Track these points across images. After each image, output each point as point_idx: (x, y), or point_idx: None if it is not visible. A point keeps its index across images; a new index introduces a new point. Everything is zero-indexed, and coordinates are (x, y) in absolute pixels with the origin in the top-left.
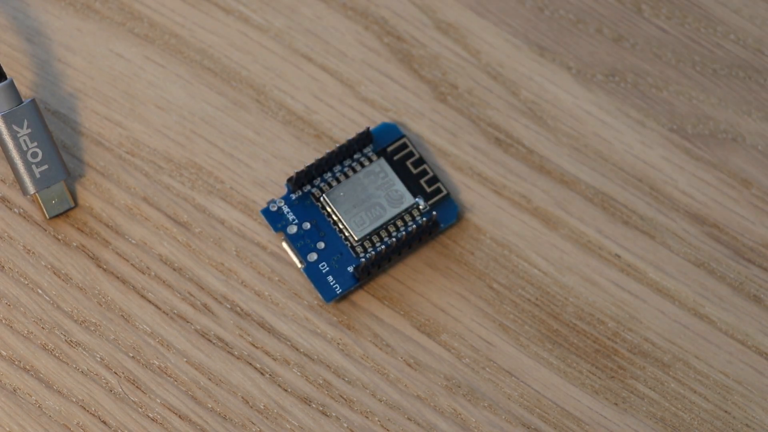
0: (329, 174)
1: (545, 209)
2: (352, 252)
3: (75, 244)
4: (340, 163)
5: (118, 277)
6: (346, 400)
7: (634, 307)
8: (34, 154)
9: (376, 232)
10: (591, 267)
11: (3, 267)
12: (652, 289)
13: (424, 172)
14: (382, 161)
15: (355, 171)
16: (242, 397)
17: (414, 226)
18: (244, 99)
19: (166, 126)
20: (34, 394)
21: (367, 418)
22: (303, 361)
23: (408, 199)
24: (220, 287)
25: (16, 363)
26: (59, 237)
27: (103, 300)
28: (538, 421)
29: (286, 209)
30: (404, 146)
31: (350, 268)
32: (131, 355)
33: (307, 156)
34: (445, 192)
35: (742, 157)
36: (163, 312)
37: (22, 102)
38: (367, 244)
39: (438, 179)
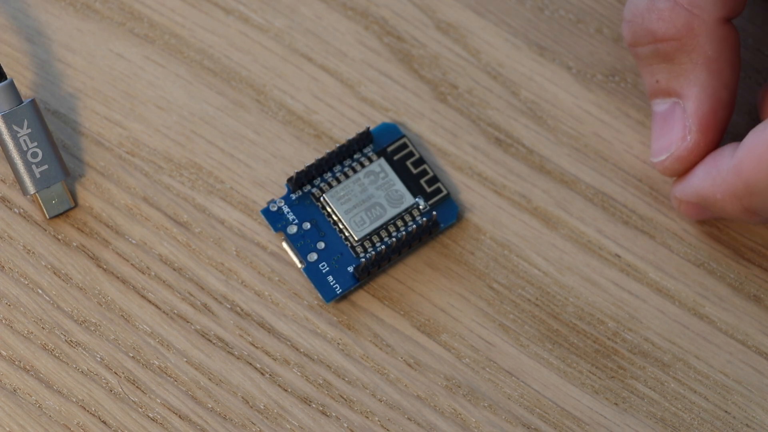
0: (329, 174)
1: (545, 209)
2: (352, 252)
3: (75, 244)
4: (340, 163)
5: (118, 277)
6: (346, 400)
7: (634, 307)
8: (34, 154)
9: (376, 232)
10: (591, 267)
11: (3, 267)
12: (652, 289)
13: (424, 172)
14: (382, 161)
15: (355, 171)
16: (242, 397)
17: (414, 226)
18: (244, 99)
19: (166, 126)
20: (34, 394)
21: (367, 418)
22: (303, 361)
23: (408, 199)
24: (220, 287)
25: (16, 363)
26: (59, 237)
27: (103, 300)
28: (538, 421)
29: (286, 209)
30: (404, 146)
31: (350, 268)
32: (131, 355)
33: (307, 156)
34: (445, 192)
35: None
36: (163, 312)
37: (22, 102)
38: (367, 244)
39: (438, 179)
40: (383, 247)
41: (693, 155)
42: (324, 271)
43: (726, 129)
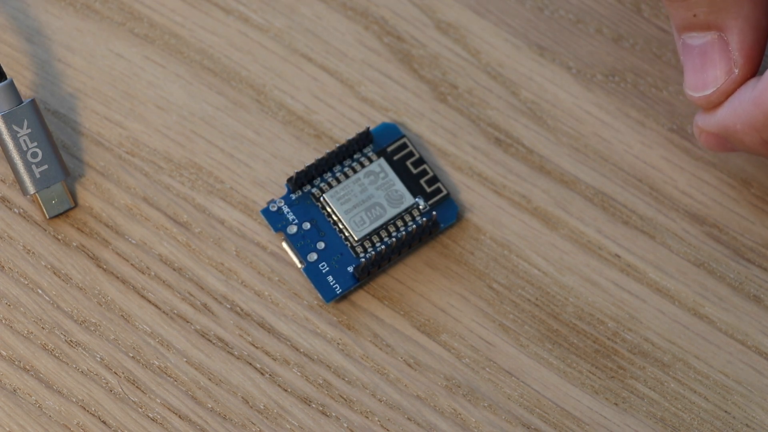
0: (329, 174)
1: (545, 209)
2: (352, 252)
3: (75, 244)
4: (340, 163)
5: (118, 277)
6: (346, 400)
7: (634, 307)
8: (34, 154)
9: (376, 232)
10: (591, 267)
11: (3, 267)
12: (652, 289)
13: (424, 172)
14: (382, 161)
15: (355, 171)
16: (242, 397)
17: (414, 226)
18: (244, 99)
19: (166, 126)
20: (34, 394)
21: (367, 418)
22: (303, 361)
23: (408, 199)
24: (220, 287)
25: (16, 363)
26: (59, 237)
27: (103, 300)
28: (538, 421)
29: (286, 209)
30: (404, 146)
31: (350, 268)
32: (131, 355)
33: (307, 156)
34: (445, 192)
35: (742, 157)
36: (163, 312)
37: (22, 102)
38: (367, 244)
39: (438, 179)
40: (383, 247)
41: (738, 87)
42: (324, 271)
43: (763, 55)
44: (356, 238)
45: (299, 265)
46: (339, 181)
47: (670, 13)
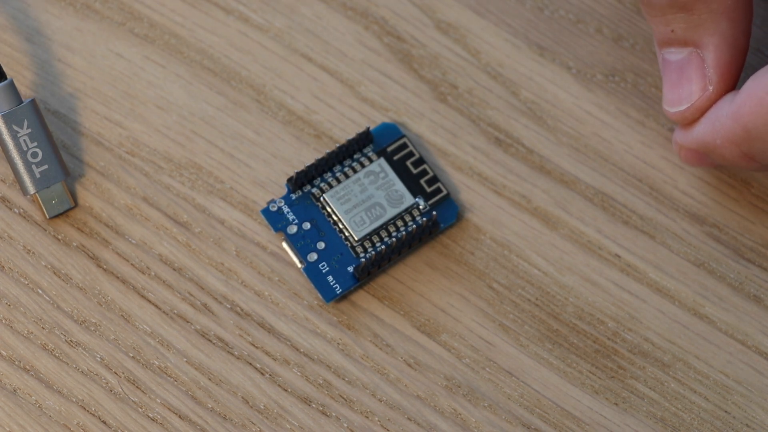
0: (329, 174)
1: (545, 209)
2: (352, 252)
3: (75, 244)
4: (340, 163)
5: (118, 277)
6: (346, 400)
7: (634, 307)
8: (34, 154)
9: (376, 232)
10: (591, 267)
11: (3, 267)
12: (652, 289)
13: (424, 172)
14: (382, 161)
15: (355, 171)
16: (242, 397)
17: (414, 226)
18: (244, 99)
19: (166, 126)
20: (34, 394)
21: (367, 418)
22: (303, 361)
23: (408, 199)
24: (220, 287)
25: (16, 363)
26: (59, 237)
27: (103, 300)
28: (538, 421)
29: (286, 209)
30: (404, 146)
31: (350, 268)
32: (131, 355)
33: (307, 156)
34: (445, 192)
35: None
36: (163, 312)
37: (22, 102)
38: (367, 244)
39: (438, 179)
40: (383, 247)
41: (712, 104)
42: (324, 271)
43: (741, 74)
44: (356, 238)
45: (299, 265)
46: (339, 181)
47: (651, 27)
